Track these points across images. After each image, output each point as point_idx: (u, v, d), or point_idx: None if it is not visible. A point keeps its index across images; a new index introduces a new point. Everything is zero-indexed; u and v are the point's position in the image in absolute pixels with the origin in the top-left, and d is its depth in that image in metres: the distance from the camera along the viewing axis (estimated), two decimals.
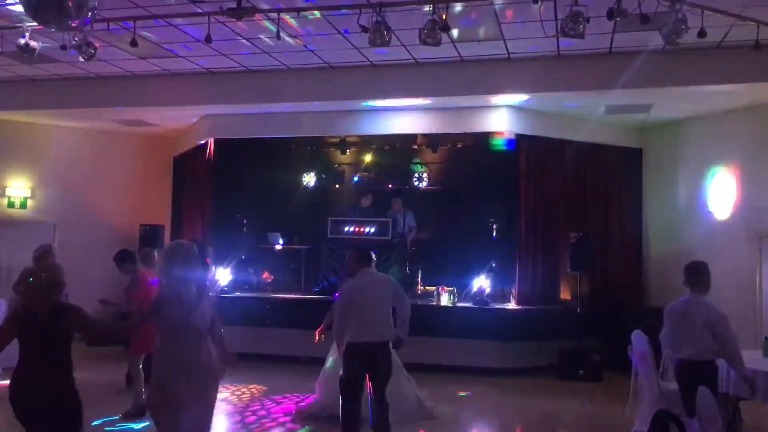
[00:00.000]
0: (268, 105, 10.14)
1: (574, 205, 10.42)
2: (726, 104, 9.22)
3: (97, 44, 7.34)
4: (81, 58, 7.33)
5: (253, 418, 6.72)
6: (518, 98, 9.44)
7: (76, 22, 4.11)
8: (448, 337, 9.10)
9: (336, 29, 7.77)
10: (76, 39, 7.15)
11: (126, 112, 10.73)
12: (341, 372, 5.46)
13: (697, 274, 5.63)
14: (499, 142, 10.02)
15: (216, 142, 10.98)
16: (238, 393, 7.66)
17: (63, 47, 7.17)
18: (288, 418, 6.66)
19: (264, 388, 7.91)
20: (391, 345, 5.53)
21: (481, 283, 9.78)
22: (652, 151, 10.84)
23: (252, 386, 7.93)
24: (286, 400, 7.37)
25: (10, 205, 11.31)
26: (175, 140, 12.44)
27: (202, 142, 11.24)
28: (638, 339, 6.13)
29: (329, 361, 6.74)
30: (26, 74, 10.01)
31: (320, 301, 9.44)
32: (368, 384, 5.39)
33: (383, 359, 5.41)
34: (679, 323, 5.35)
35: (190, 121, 11.41)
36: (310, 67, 9.31)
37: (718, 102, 9.18)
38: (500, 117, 9.81)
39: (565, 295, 10.26)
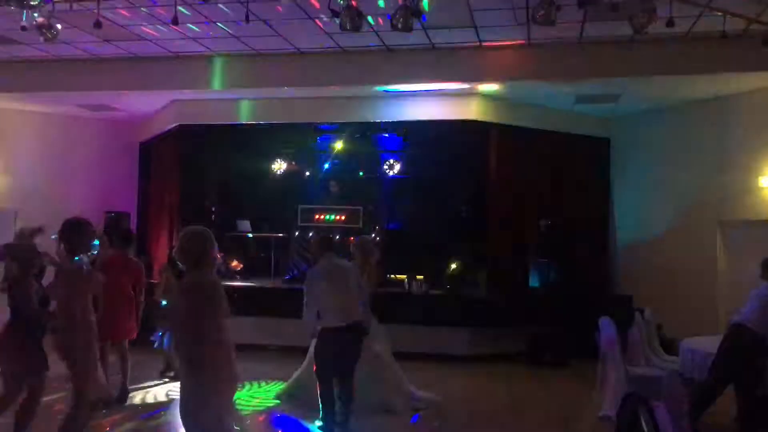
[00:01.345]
0: (236, 90, 9.99)
1: (543, 194, 10.52)
2: (693, 94, 9.38)
3: (59, 26, 7.11)
4: (42, 39, 7.09)
5: None
6: (489, 87, 9.45)
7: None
8: (418, 325, 9.12)
9: (307, 14, 7.66)
10: (38, 20, 6.91)
11: (90, 96, 10.45)
12: (314, 356, 5.53)
13: None
14: (469, 131, 10.04)
15: (183, 127, 10.78)
16: None
17: (23, 28, 6.91)
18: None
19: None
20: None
21: (451, 270, 9.83)
22: (619, 141, 10.99)
23: None
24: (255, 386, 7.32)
25: None
26: (141, 126, 12.19)
27: (169, 127, 11.04)
28: (606, 325, 6.23)
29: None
30: None
31: (290, 289, 9.37)
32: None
33: (352, 342, 5.46)
34: None
35: (157, 107, 11.18)
36: (280, 51, 9.18)
37: (686, 92, 9.33)
38: (471, 105, 9.83)
39: (533, 282, 10.36)
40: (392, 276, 10.19)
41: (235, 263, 11.03)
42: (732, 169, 9.12)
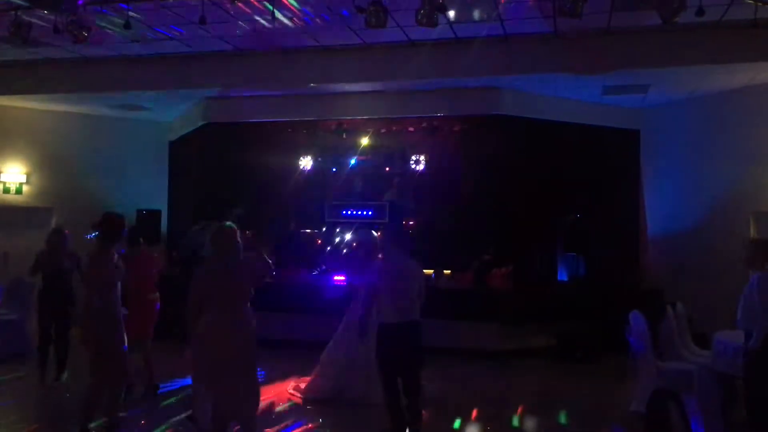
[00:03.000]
0: (263, 88, 10.07)
1: (572, 188, 10.40)
2: (724, 84, 9.19)
3: (90, 27, 7.25)
4: (73, 41, 7.24)
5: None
6: (515, 80, 9.37)
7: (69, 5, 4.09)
8: (445, 319, 9.09)
9: (333, 11, 7.69)
10: (69, 21, 7.06)
11: (120, 96, 10.63)
12: (375, 354, 5.53)
13: None
14: (495, 125, 9.99)
15: (211, 126, 10.92)
16: None
17: (56, 30, 7.08)
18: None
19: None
20: None
21: (478, 265, 9.78)
22: (649, 132, 10.82)
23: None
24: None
25: (6, 191, 11.25)
26: (170, 125, 12.37)
27: (197, 126, 11.18)
28: (636, 319, 6.16)
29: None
30: (19, 58, 9.89)
31: (319, 285, 9.44)
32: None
33: (411, 338, 5.47)
34: None
35: (186, 106, 11.33)
36: (305, 48, 9.24)
37: (717, 82, 9.14)
38: (497, 99, 9.77)
39: (562, 276, 10.28)
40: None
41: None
42: (766, 160, 8.91)
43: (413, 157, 11.25)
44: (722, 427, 3.44)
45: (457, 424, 6.11)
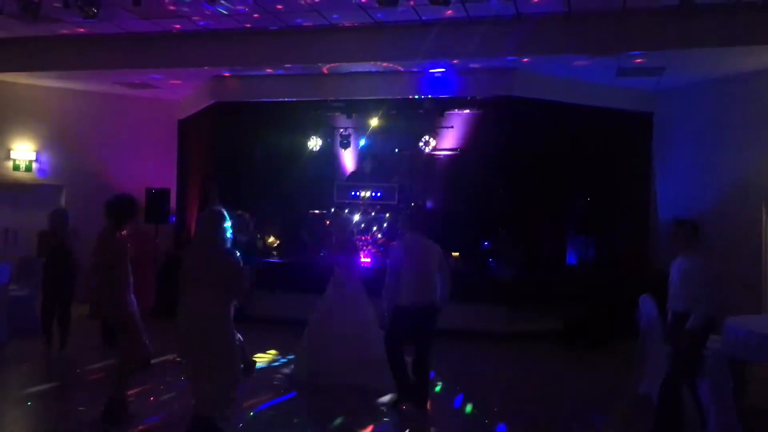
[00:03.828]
0: (272, 67, 10.00)
1: (583, 170, 10.32)
2: (742, 67, 9.02)
3: (100, 3, 7.19)
4: (83, 18, 7.19)
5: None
6: (526, 60, 9.25)
7: None
8: (454, 302, 9.04)
9: None
10: None
11: (129, 74, 10.59)
12: (386, 333, 5.62)
13: None
14: (506, 106, 9.88)
15: (220, 105, 10.87)
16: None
17: (65, 5, 7.04)
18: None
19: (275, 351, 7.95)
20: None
21: (487, 248, 9.76)
22: (663, 116, 10.67)
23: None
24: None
25: (15, 168, 11.27)
26: (179, 103, 12.33)
27: (206, 105, 11.14)
28: (646, 303, 6.12)
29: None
30: (29, 35, 9.83)
31: (325, 265, 9.42)
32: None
33: (430, 322, 5.58)
34: None
35: (195, 84, 11.28)
36: (316, 28, 9.15)
37: (734, 64, 8.98)
38: (508, 80, 9.65)
39: (571, 260, 10.23)
40: None
41: (271, 240, 11.14)
42: None
43: (423, 139, 11.16)
44: (734, 412, 3.42)
45: (464, 406, 6.11)
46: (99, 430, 5.04)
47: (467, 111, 10.99)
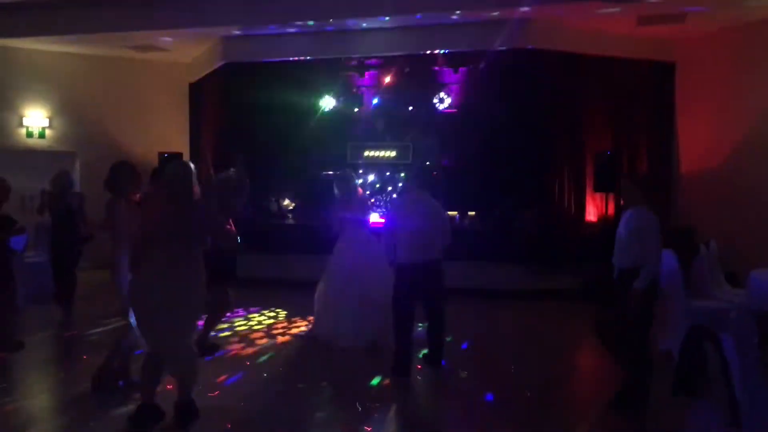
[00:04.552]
0: (282, 26, 9.78)
1: (602, 124, 10.07)
2: (764, 13, 8.64)
3: None
4: None
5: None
6: (541, 10, 8.90)
7: None
8: (470, 260, 8.98)
9: None
10: None
11: (136, 36, 10.43)
12: (393, 294, 5.48)
13: None
14: (522, 59, 9.58)
15: (230, 65, 10.71)
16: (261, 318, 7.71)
17: None
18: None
19: (285, 312, 7.94)
20: None
21: (504, 205, 9.60)
22: (686, 65, 10.31)
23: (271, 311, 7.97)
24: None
25: (29, 135, 11.26)
26: (189, 66, 12.18)
27: (216, 66, 10.98)
28: (667, 258, 5.96)
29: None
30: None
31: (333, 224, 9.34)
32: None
33: (437, 277, 5.48)
34: None
35: (205, 46, 11.10)
36: None
37: (760, 11, 8.60)
38: (524, 32, 9.34)
39: (590, 217, 10.04)
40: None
41: (286, 202, 11.07)
42: None
43: (438, 96, 10.91)
44: (759, 367, 3.32)
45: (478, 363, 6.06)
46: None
47: (483, 65, 10.68)
